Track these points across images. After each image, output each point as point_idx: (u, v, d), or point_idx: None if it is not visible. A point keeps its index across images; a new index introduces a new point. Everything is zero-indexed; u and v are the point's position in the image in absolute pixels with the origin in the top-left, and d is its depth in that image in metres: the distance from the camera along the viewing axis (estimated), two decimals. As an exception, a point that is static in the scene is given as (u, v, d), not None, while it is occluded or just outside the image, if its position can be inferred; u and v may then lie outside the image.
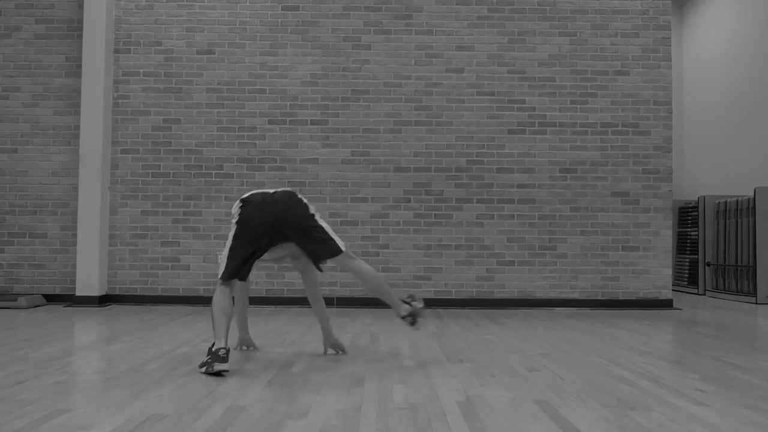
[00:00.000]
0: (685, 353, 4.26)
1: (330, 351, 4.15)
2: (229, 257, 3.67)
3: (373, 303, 6.85)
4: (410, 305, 3.97)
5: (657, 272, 7.06)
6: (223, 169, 7.06)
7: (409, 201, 7.05)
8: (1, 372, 3.40)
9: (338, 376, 3.40)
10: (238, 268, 3.67)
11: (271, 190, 3.84)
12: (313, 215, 3.79)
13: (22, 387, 3.06)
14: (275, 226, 3.69)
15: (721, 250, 8.61)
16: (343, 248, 3.81)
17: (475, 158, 7.07)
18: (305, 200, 3.85)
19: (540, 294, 7.02)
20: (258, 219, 3.67)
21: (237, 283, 3.82)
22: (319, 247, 3.79)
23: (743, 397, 3.00)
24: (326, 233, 3.78)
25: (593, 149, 7.10)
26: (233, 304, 3.75)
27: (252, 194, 3.79)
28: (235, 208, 3.76)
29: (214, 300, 3.62)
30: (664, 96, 7.16)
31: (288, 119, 7.08)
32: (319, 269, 3.98)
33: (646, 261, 7.06)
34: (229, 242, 3.71)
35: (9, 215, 7.11)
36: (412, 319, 3.95)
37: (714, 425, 2.53)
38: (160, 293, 6.99)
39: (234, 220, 3.73)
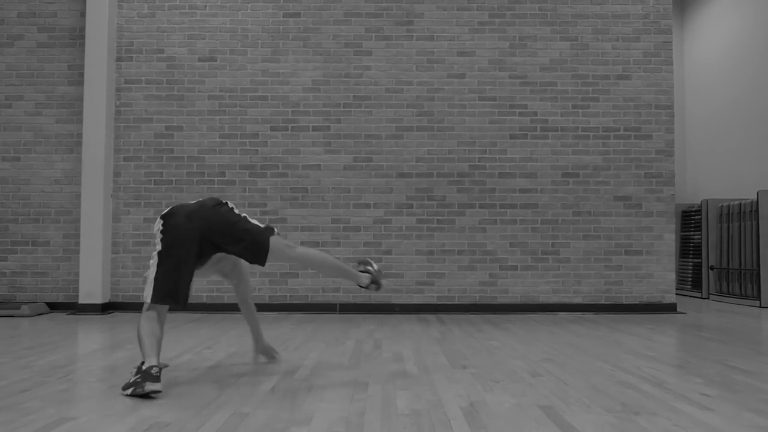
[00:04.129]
0: (689, 357, 4.25)
1: (261, 358, 3.99)
2: (159, 278, 3.32)
3: (376, 309, 6.86)
4: (369, 272, 3.73)
5: (660, 276, 7.05)
6: (225, 176, 7.07)
7: (412, 206, 7.05)
8: (4, 380, 3.40)
9: (342, 382, 3.39)
10: (173, 291, 3.34)
11: (193, 201, 3.57)
12: (245, 218, 3.53)
13: (26, 395, 3.06)
14: (208, 238, 3.39)
15: (725, 253, 8.59)
16: (274, 239, 3.49)
17: (477, 163, 7.07)
18: (230, 204, 3.58)
19: (543, 299, 7.00)
20: (188, 233, 3.34)
21: (166, 308, 3.42)
22: (257, 249, 3.47)
23: (748, 401, 2.99)
24: (258, 229, 3.49)
25: (595, 153, 7.10)
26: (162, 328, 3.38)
27: (173, 208, 3.46)
28: (158, 225, 3.40)
29: (141, 326, 3.27)
30: (665, 100, 7.16)
31: (290, 126, 7.09)
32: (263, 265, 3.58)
33: (649, 265, 7.05)
34: (155, 261, 3.35)
35: (12, 223, 7.12)
36: (375, 285, 3.74)
37: (719, 429, 2.52)
38: (163, 300, 6.98)
39: (159, 238, 3.37)
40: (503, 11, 7.17)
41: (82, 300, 6.78)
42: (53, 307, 6.98)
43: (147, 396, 2.99)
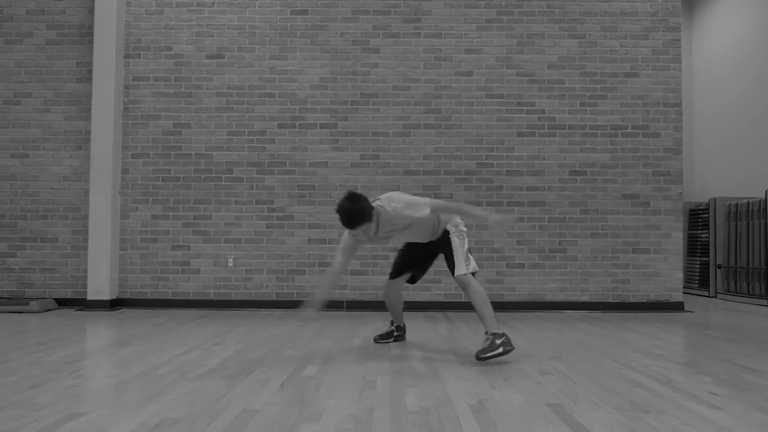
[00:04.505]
0: (697, 356, 4.24)
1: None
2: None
3: (383, 306, 6.85)
4: None
5: (668, 275, 7.03)
6: (233, 173, 7.08)
7: (419, 204, 7.03)
8: (15, 376, 3.42)
9: (350, 379, 3.40)
10: None
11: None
12: None
13: (37, 391, 3.08)
14: None
15: (732, 252, 8.56)
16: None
17: (484, 161, 7.06)
18: None
19: (550, 297, 7.00)
20: None
21: None
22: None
23: (757, 399, 2.98)
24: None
25: (603, 151, 7.08)
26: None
27: None
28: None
29: (480, 290, 4.08)
30: (674, 98, 7.13)
31: (297, 123, 7.10)
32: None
33: (657, 263, 7.03)
34: (464, 237, 4.18)
35: (21, 220, 7.15)
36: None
37: (728, 428, 2.51)
38: (170, 297, 7.02)
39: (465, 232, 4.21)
40: (511, 8, 7.16)
41: (90, 296, 6.81)
42: (61, 303, 7.02)
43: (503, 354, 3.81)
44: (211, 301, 6.98)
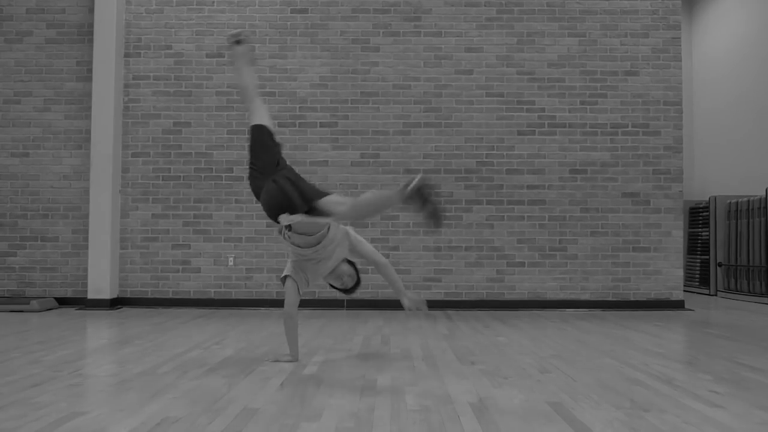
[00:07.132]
0: (697, 354, 4.24)
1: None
2: None
3: (384, 305, 6.86)
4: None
5: (668, 273, 7.03)
6: (233, 172, 7.08)
7: (419, 203, 7.03)
8: (15, 375, 3.42)
9: (351, 378, 3.40)
10: None
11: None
12: None
13: (37, 390, 3.08)
14: None
15: (733, 250, 8.56)
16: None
17: (484, 160, 7.06)
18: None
19: (550, 295, 7.00)
20: None
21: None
22: None
23: (758, 398, 2.98)
24: None
25: (603, 150, 7.08)
26: None
27: None
28: None
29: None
30: (674, 96, 7.13)
31: (297, 122, 7.10)
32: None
33: (657, 262, 7.03)
34: None
35: (21, 219, 7.15)
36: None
37: (729, 427, 2.51)
38: (171, 296, 7.02)
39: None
40: (511, 7, 7.15)
41: (91, 295, 6.81)
42: (62, 302, 7.02)
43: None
44: (211, 300, 6.98)
